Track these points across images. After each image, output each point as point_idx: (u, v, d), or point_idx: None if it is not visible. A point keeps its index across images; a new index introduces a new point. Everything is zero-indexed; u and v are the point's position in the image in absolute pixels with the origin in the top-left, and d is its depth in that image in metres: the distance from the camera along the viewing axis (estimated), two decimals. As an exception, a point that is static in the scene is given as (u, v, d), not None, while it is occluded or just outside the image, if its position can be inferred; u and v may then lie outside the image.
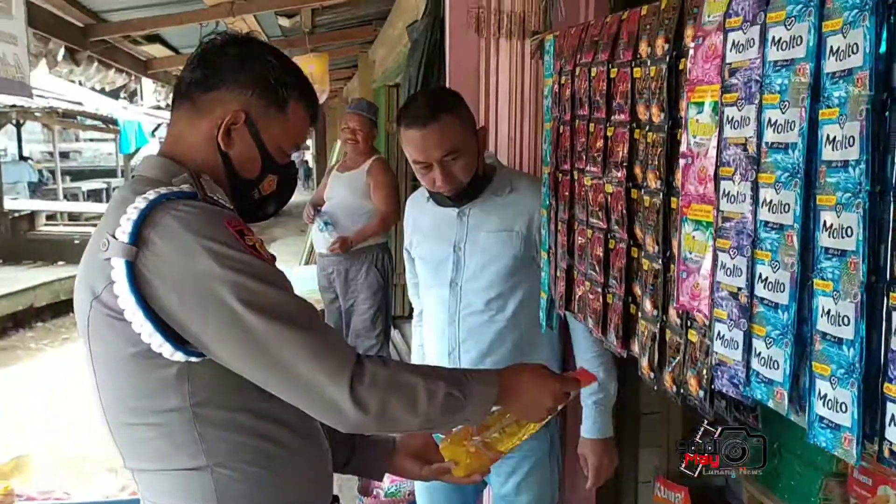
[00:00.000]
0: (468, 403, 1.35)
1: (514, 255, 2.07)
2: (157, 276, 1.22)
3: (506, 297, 2.10)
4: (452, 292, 2.12)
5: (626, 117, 1.51)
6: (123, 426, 1.34)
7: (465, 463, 1.59)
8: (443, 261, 2.15)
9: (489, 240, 2.09)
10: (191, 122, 1.40)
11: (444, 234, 2.15)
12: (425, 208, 2.22)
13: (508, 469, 2.20)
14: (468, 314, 2.11)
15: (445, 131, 1.94)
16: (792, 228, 0.99)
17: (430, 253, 2.20)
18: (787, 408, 1.01)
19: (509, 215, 2.09)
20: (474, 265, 2.10)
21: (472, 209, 2.11)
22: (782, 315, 1.01)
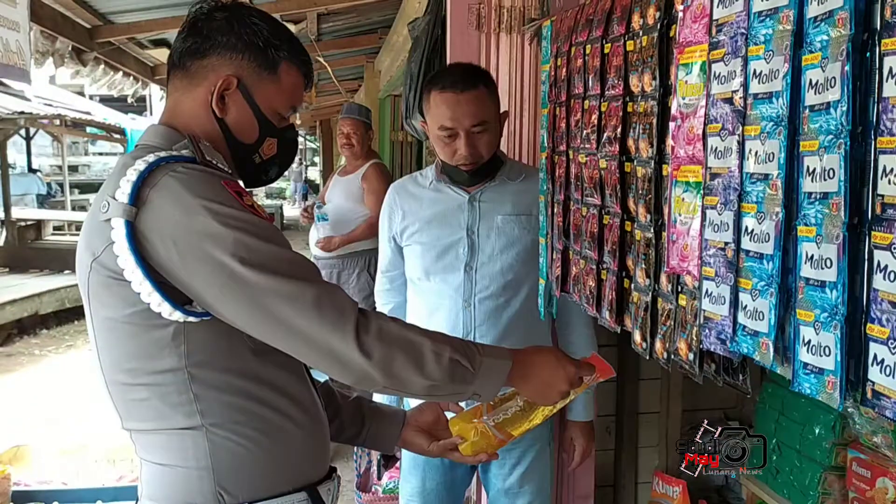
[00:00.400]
0: (477, 376, 1.33)
1: (532, 239, 2.08)
2: (156, 234, 1.23)
3: (521, 282, 2.10)
4: (467, 276, 2.10)
5: (619, 91, 1.51)
6: (120, 386, 1.34)
7: (472, 440, 1.58)
8: (452, 245, 2.12)
9: (507, 223, 2.09)
10: (186, 92, 1.41)
11: (453, 219, 2.13)
12: (422, 195, 2.20)
13: (512, 461, 2.19)
14: (484, 297, 2.10)
15: (480, 101, 1.96)
16: (777, 177, 0.99)
17: (434, 238, 2.15)
18: (772, 358, 1.01)
19: (525, 200, 2.10)
20: (490, 248, 2.09)
21: (483, 193, 2.11)
22: (767, 265, 1.01)
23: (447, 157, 2.04)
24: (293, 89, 1.45)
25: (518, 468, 2.19)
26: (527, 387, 1.47)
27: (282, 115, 1.45)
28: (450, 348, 1.31)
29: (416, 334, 1.30)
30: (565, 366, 1.45)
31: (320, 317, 1.23)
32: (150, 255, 1.23)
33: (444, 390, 1.35)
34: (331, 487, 1.47)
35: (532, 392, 1.49)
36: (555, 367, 1.45)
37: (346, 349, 1.23)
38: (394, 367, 1.26)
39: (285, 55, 1.41)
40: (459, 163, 2.02)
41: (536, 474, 2.21)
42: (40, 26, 3.69)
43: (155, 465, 1.36)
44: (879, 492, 2.21)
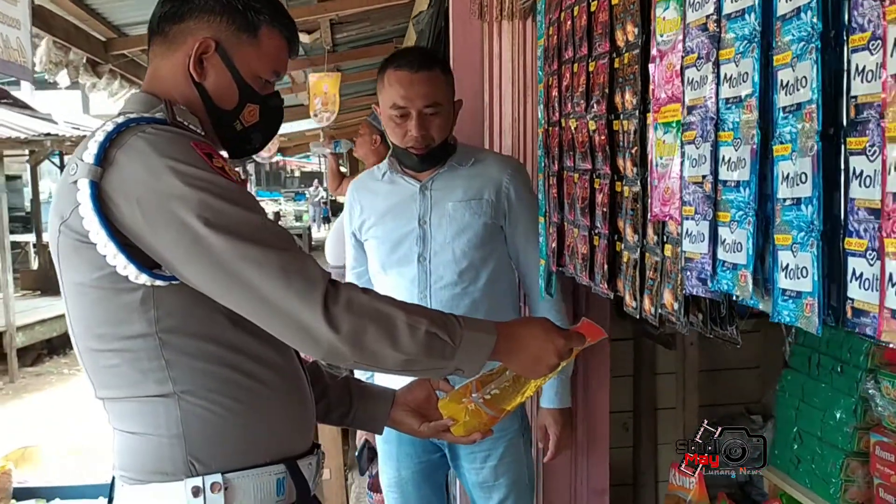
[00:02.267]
0: (458, 350, 1.26)
1: (484, 223, 2.01)
2: (121, 195, 1.20)
3: (478, 268, 2.04)
4: (421, 267, 2.05)
5: (606, 48, 1.47)
6: (92, 353, 1.31)
7: (463, 421, 1.52)
8: (405, 237, 2.07)
9: (457, 210, 2.03)
10: (165, 57, 1.39)
11: (405, 211, 2.08)
12: (377, 188, 2.15)
13: (483, 454, 2.12)
14: (440, 287, 2.04)
15: (434, 82, 1.92)
16: (752, 97, 0.94)
17: (388, 232, 2.11)
18: (752, 291, 0.95)
19: (476, 184, 2.04)
20: (442, 237, 2.03)
21: (434, 182, 2.05)
22: (744, 192, 0.96)
23: (398, 138, 1.99)
24: (275, 53, 1.41)
25: (490, 461, 2.11)
26: (513, 361, 1.40)
27: (264, 80, 1.41)
28: (427, 321, 1.24)
29: (389, 306, 1.24)
30: (554, 338, 1.37)
31: (287, 284, 1.17)
32: (114, 217, 1.20)
33: (422, 365, 1.28)
34: (312, 462, 1.41)
35: (519, 366, 1.41)
36: (543, 339, 1.37)
37: (313, 320, 1.17)
38: (364, 340, 1.20)
39: (266, 18, 1.37)
40: (409, 145, 1.97)
41: (511, 466, 2.13)
42: (53, 37, 3.75)
43: (126, 433, 1.32)
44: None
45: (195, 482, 1.27)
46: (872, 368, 2.24)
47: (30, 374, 8.12)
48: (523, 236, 2.05)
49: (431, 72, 1.92)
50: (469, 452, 2.12)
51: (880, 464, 2.19)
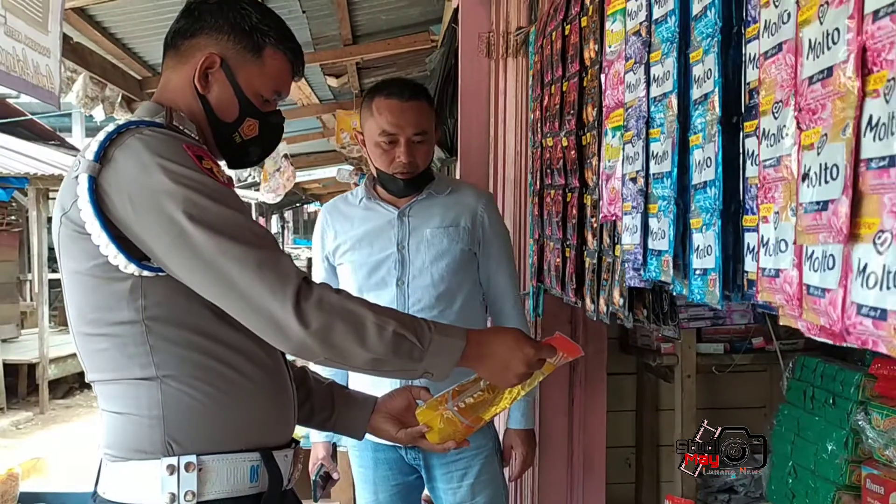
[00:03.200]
0: (427, 353, 1.31)
1: (461, 249, 2.07)
2: (115, 189, 1.30)
3: (454, 292, 2.09)
4: (399, 291, 2.10)
5: (576, 67, 1.55)
6: (84, 337, 1.39)
7: (438, 428, 1.56)
8: (382, 261, 2.11)
9: (435, 235, 2.09)
10: (174, 70, 1.50)
11: (382, 235, 2.13)
12: (352, 213, 2.20)
13: (459, 473, 2.14)
14: (418, 310, 2.08)
15: (422, 112, 2.00)
16: (672, 93, 1.00)
17: (364, 256, 2.13)
18: (673, 275, 1.00)
19: (452, 212, 2.10)
20: (420, 262, 2.09)
21: (412, 208, 2.11)
22: (666, 182, 1.02)
23: (384, 164, 2.04)
24: (278, 74, 1.50)
25: (466, 479, 2.13)
26: (482, 368, 1.43)
27: (265, 97, 1.51)
28: (395, 323, 1.29)
29: (359, 306, 1.29)
30: (523, 347, 1.40)
31: (261, 280, 1.24)
32: (108, 210, 1.30)
33: (390, 365, 1.33)
34: (288, 455, 1.47)
35: (488, 374, 1.45)
36: (512, 348, 1.40)
37: (284, 315, 1.23)
38: (332, 336, 1.25)
39: (271, 41, 1.47)
40: (397, 171, 2.03)
41: (489, 484, 2.14)
42: (90, 73, 3.95)
43: (112, 413, 1.39)
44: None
45: (171, 461, 1.34)
46: (863, 401, 2.24)
47: (59, 406, 8.27)
48: (495, 262, 2.10)
49: (419, 101, 2.00)
50: (445, 472, 2.15)
51: (871, 497, 2.17)
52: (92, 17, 3.97)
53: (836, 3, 0.62)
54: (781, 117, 0.73)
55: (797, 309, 0.69)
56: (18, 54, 2.37)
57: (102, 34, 4.11)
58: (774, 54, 0.75)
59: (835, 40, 0.62)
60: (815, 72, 0.65)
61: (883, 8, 0.56)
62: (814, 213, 0.63)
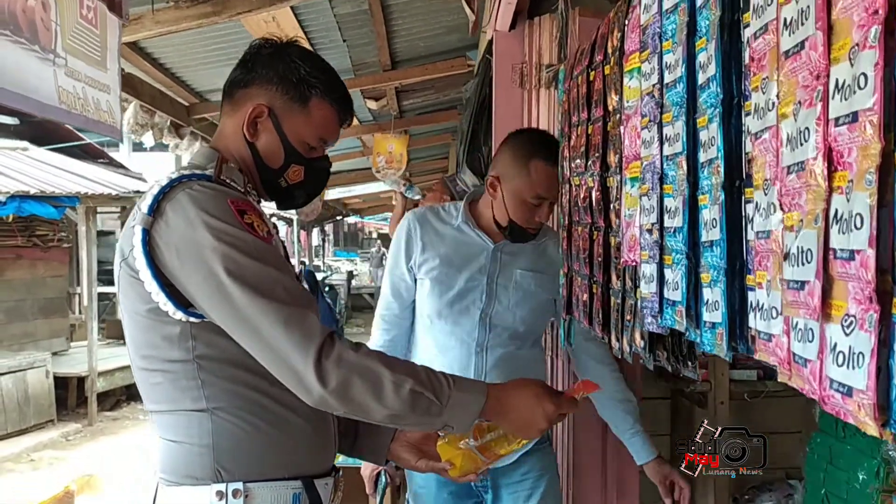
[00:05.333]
0: (446, 408, 1.39)
1: (546, 297, 2.18)
2: (164, 242, 1.41)
3: (529, 334, 2.20)
4: (482, 323, 2.17)
5: (600, 112, 1.62)
6: (141, 371, 1.51)
7: (459, 465, 1.64)
8: (470, 290, 2.17)
9: (524, 278, 2.18)
10: (229, 116, 1.61)
11: (475, 264, 2.18)
12: (444, 231, 2.24)
13: (526, 491, 2.21)
14: (496, 345, 2.17)
15: None
16: (682, 155, 1.07)
17: (452, 278, 2.17)
18: (686, 324, 1.07)
19: (541, 259, 2.20)
20: (507, 300, 2.16)
21: (505, 246, 2.19)
22: (678, 237, 1.08)
23: (522, 219, 2.10)
24: (323, 123, 1.60)
25: (532, 500, 2.21)
26: (503, 422, 1.51)
27: (310, 145, 1.60)
28: (412, 381, 1.36)
29: (377, 364, 1.36)
30: (544, 403, 1.47)
31: (287, 336, 1.33)
32: (159, 260, 1.41)
33: (408, 420, 1.40)
34: (329, 483, 1.56)
35: (509, 427, 1.53)
36: (533, 404, 1.47)
37: (305, 372, 1.32)
38: (350, 393, 1.33)
39: (318, 92, 1.57)
40: (531, 226, 2.12)
41: (552, 502, 2.23)
42: (140, 101, 4.12)
43: (166, 441, 1.50)
44: (922, 535, 2.11)
45: (220, 487, 1.44)
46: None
47: (107, 418, 8.50)
48: None
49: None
50: (512, 493, 2.22)
51: (902, 527, 2.19)
52: (142, 49, 4.16)
53: (807, 105, 0.68)
54: (770, 194, 0.79)
55: (788, 372, 0.75)
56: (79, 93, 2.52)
57: (152, 65, 4.29)
58: (762, 136, 0.82)
59: (806, 138, 0.69)
60: (792, 162, 0.72)
61: (842, 116, 0.63)
62: (795, 290, 0.70)
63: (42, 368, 7.98)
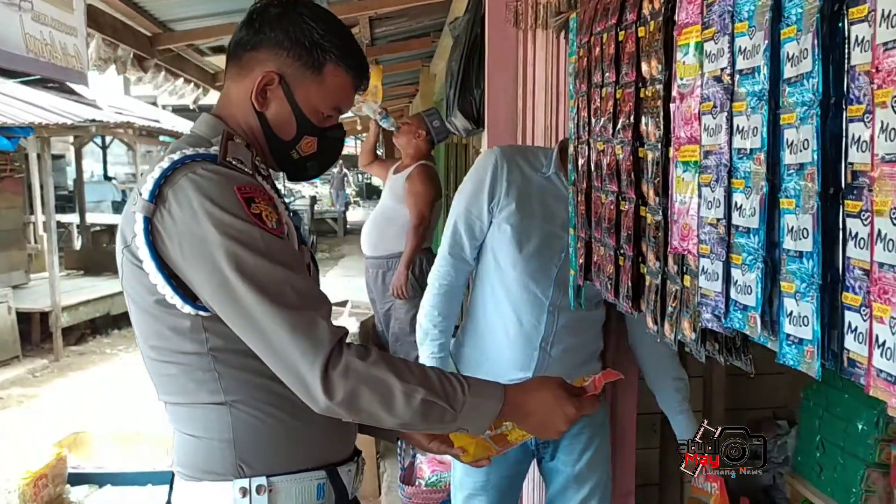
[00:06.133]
0: (460, 415, 1.32)
1: None
2: (167, 233, 1.30)
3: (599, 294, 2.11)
4: (558, 282, 2.08)
5: (632, 77, 1.53)
6: (151, 361, 1.42)
7: (472, 451, 1.60)
8: (550, 246, 2.07)
9: None
10: (235, 82, 1.47)
11: (558, 219, 2.06)
12: (532, 177, 2.09)
13: (580, 446, 2.20)
14: (562, 305, 2.10)
15: None
16: (760, 151, 1.00)
17: (534, 232, 2.05)
18: (760, 332, 1.01)
19: None
20: None
21: None
22: (753, 239, 1.02)
23: None
24: (338, 91, 1.47)
25: (587, 454, 2.20)
26: (521, 424, 1.47)
27: (324, 114, 1.48)
28: (424, 391, 1.29)
29: (387, 373, 1.28)
30: (564, 406, 1.41)
31: (293, 343, 1.25)
32: (162, 251, 1.31)
33: (421, 427, 1.37)
34: (351, 469, 1.51)
35: (528, 429, 1.48)
36: (552, 406, 1.41)
37: (312, 382, 1.25)
38: (359, 403, 1.26)
39: (333, 57, 1.43)
40: None
41: (602, 461, 2.24)
42: (101, 34, 3.88)
43: (184, 434, 1.43)
44: (924, 488, 2.16)
45: (242, 483, 1.38)
46: (895, 380, 2.28)
47: (74, 353, 8.37)
48: None
49: None
50: (569, 444, 2.21)
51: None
52: (102, -23, 3.88)
53: None
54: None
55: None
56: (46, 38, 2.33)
57: (112, -7, 4.02)
58: (891, 160, 0.75)
59: None
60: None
61: None
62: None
63: (4, 304, 7.78)
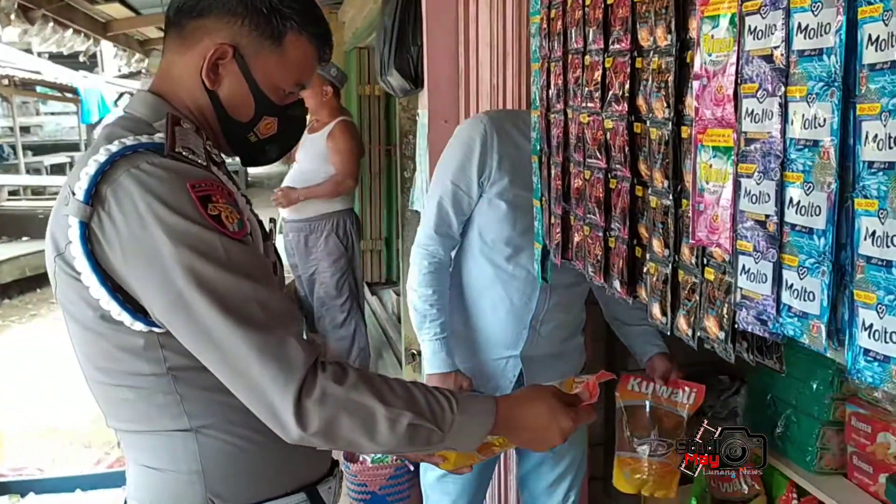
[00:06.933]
0: (448, 435, 1.21)
1: None
2: (108, 241, 1.11)
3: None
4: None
5: (626, 45, 1.40)
6: (100, 385, 1.24)
7: (453, 459, 1.49)
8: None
9: None
10: (178, 54, 1.27)
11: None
12: (521, 143, 1.94)
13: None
14: (560, 283, 2.02)
15: None
16: (829, 144, 0.89)
17: (528, 204, 1.90)
18: (825, 342, 0.93)
19: None
20: None
21: None
22: (818, 241, 0.92)
23: None
24: (301, 63, 1.30)
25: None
26: (514, 439, 1.37)
27: (284, 90, 1.30)
28: (411, 414, 1.16)
29: (369, 396, 1.14)
30: (559, 418, 1.32)
31: (261, 368, 1.09)
32: (104, 261, 1.12)
33: (405, 451, 1.28)
34: (332, 486, 1.38)
35: (520, 444, 1.40)
36: (547, 420, 1.32)
37: (284, 412, 1.10)
38: (337, 432, 1.13)
39: (294, 24, 1.26)
40: None
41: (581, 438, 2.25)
42: (-17, -15, 3.47)
43: (142, 467, 1.26)
44: (880, 447, 2.19)
45: None
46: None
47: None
48: None
49: None
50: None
51: (855, 434, 2.25)
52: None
53: None
54: None
55: None
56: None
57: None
58: None
59: None
60: None
61: None
62: None
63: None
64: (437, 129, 2.68)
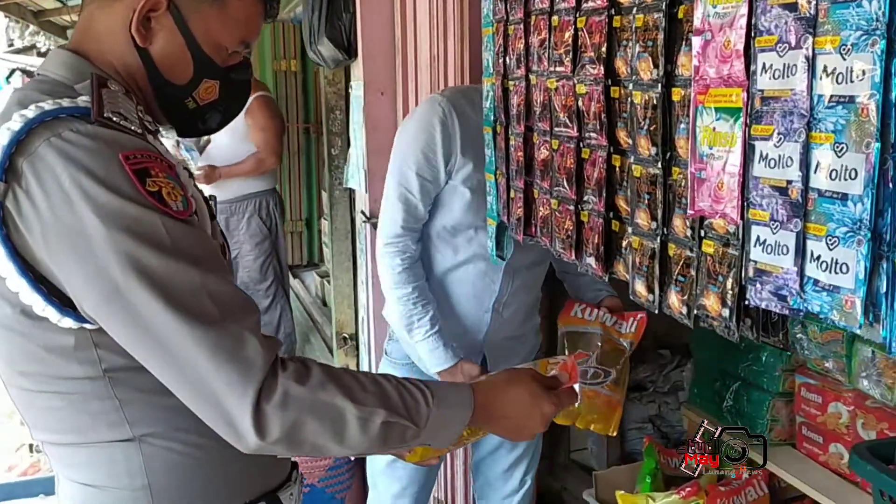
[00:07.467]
0: (424, 430, 1.10)
1: None
2: (27, 224, 0.94)
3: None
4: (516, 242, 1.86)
5: (601, 2, 1.30)
6: (23, 392, 1.07)
7: (419, 451, 1.39)
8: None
9: None
10: (101, 6, 1.10)
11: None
12: (479, 121, 1.82)
13: None
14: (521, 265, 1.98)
15: None
16: (870, 100, 0.81)
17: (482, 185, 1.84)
18: (861, 318, 0.85)
19: None
20: None
21: None
22: (854, 208, 0.84)
23: None
24: (246, 19, 1.15)
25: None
26: (495, 429, 1.27)
27: (226, 48, 1.15)
28: (384, 411, 1.05)
29: (337, 395, 1.02)
30: (542, 404, 1.23)
31: (215, 369, 0.95)
32: (23, 248, 0.95)
33: (378, 452, 1.22)
34: (293, 491, 1.24)
35: (502, 433, 1.29)
36: (528, 407, 1.23)
37: (241, 418, 0.96)
38: (301, 437, 1.00)
39: None
40: None
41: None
42: None
43: (77, 484, 1.10)
44: (832, 417, 2.18)
45: None
46: (800, 313, 2.28)
47: None
48: None
49: None
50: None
51: (805, 404, 2.25)
52: None
53: None
54: None
55: None
56: None
57: None
58: None
59: None
60: None
61: None
62: None
63: None
64: (373, 102, 2.54)
